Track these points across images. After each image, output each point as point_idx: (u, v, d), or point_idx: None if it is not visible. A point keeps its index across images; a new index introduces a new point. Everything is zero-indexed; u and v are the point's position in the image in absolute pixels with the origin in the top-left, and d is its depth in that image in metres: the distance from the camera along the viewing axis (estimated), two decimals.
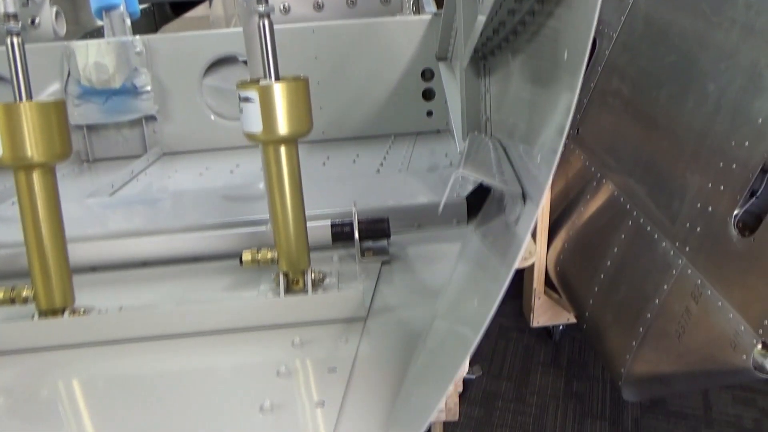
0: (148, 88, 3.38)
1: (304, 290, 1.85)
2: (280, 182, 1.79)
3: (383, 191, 2.51)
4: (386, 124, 3.51)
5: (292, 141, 1.78)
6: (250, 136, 1.76)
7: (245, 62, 3.48)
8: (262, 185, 2.57)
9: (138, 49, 3.37)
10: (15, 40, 1.68)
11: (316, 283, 1.88)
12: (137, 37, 3.40)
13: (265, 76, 1.74)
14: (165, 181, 3.10)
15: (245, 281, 2.00)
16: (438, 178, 2.63)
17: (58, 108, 1.73)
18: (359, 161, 3.15)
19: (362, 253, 2.08)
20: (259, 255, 1.88)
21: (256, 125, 1.72)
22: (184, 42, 3.47)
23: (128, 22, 3.57)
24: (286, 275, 1.86)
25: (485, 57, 2.54)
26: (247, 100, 1.71)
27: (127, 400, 1.55)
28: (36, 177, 1.74)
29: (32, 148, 1.68)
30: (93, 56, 3.31)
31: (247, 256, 1.88)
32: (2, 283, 1.88)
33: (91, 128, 3.43)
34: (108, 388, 1.62)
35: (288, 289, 1.86)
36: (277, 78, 1.74)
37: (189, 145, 3.50)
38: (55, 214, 1.78)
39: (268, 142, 1.76)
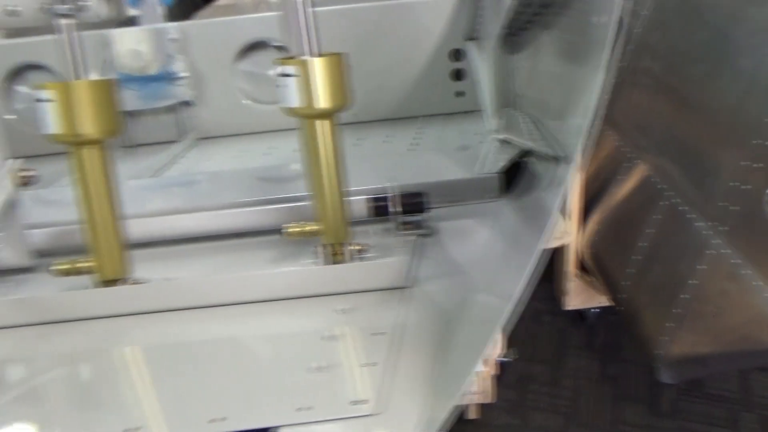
0: (184, 74, 3.43)
1: (346, 261, 1.91)
2: (321, 156, 1.84)
3: (416, 168, 2.53)
4: (415, 105, 3.50)
5: (332, 115, 1.83)
6: (292, 111, 1.81)
7: (277, 47, 3.51)
8: (294, 165, 2.62)
9: (173, 36, 3.41)
10: (67, 21, 1.77)
11: (358, 255, 1.93)
12: (172, 24, 3.45)
13: (304, 53, 1.76)
14: (203, 163, 3.16)
15: (285, 255, 2.07)
16: (470, 156, 2.64)
17: (111, 86, 1.83)
18: (390, 142, 3.15)
19: (399, 227, 2.10)
20: (302, 227, 1.93)
21: (297, 100, 1.76)
22: (216, 28, 3.50)
23: (161, 9, 3.62)
24: (327, 246, 1.91)
25: (515, 33, 2.51)
26: (287, 75, 1.74)
27: (183, 363, 1.64)
28: (95, 153, 1.82)
29: (90, 125, 1.77)
30: (129, 44, 3.36)
31: (291, 228, 1.93)
32: (54, 258, 1.98)
33: (128, 114, 3.49)
34: (165, 353, 1.71)
35: (330, 261, 1.92)
36: (318, 53, 1.76)
37: (224, 129, 3.55)
38: (113, 188, 1.88)
39: (309, 116, 1.80)
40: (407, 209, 2.10)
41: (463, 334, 1.52)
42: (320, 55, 1.78)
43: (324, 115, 1.81)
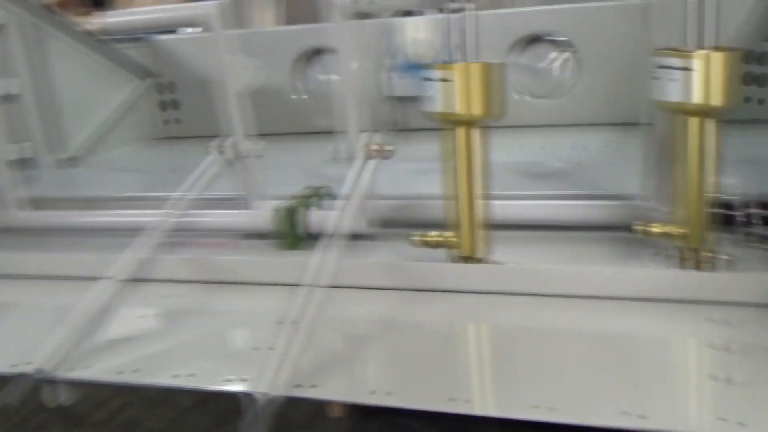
0: None
1: (708, 269, 1.78)
2: (695, 154, 1.75)
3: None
4: None
5: (714, 112, 1.73)
6: (672, 106, 1.73)
7: (551, 41, 3.49)
8: (556, 164, 2.60)
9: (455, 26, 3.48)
10: (469, 6, 1.90)
11: (723, 264, 1.79)
12: (449, 15, 3.51)
13: (692, 45, 1.69)
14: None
15: (618, 253, 1.97)
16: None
17: (500, 69, 1.87)
18: None
19: (750, 239, 1.97)
20: (663, 228, 1.83)
21: (683, 94, 1.68)
22: (495, 19, 3.53)
23: None
24: (688, 251, 1.81)
25: None
26: (679, 68, 1.67)
27: (561, 351, 1.60)
28: (475, 132, 1.88)
29: (478, 105, 1.82)
30: (412, 32, 3.47)
31: (651, 227, 1.84)
32: (399, 230, 2.08)
33: (403, 100, 3.60)
34: (529, 339, 1.70)
35: (690, 267, 1.80)
36: (713, 46, 1.69)
37: (494, 120, 3.56)
38: (485, 168, 1.91)
39: (691, 112, 1.72)
40: (762, 220, 1.95)
41: None
42: (716, 48, 1.71)
43: (706, 112, 1.72)
